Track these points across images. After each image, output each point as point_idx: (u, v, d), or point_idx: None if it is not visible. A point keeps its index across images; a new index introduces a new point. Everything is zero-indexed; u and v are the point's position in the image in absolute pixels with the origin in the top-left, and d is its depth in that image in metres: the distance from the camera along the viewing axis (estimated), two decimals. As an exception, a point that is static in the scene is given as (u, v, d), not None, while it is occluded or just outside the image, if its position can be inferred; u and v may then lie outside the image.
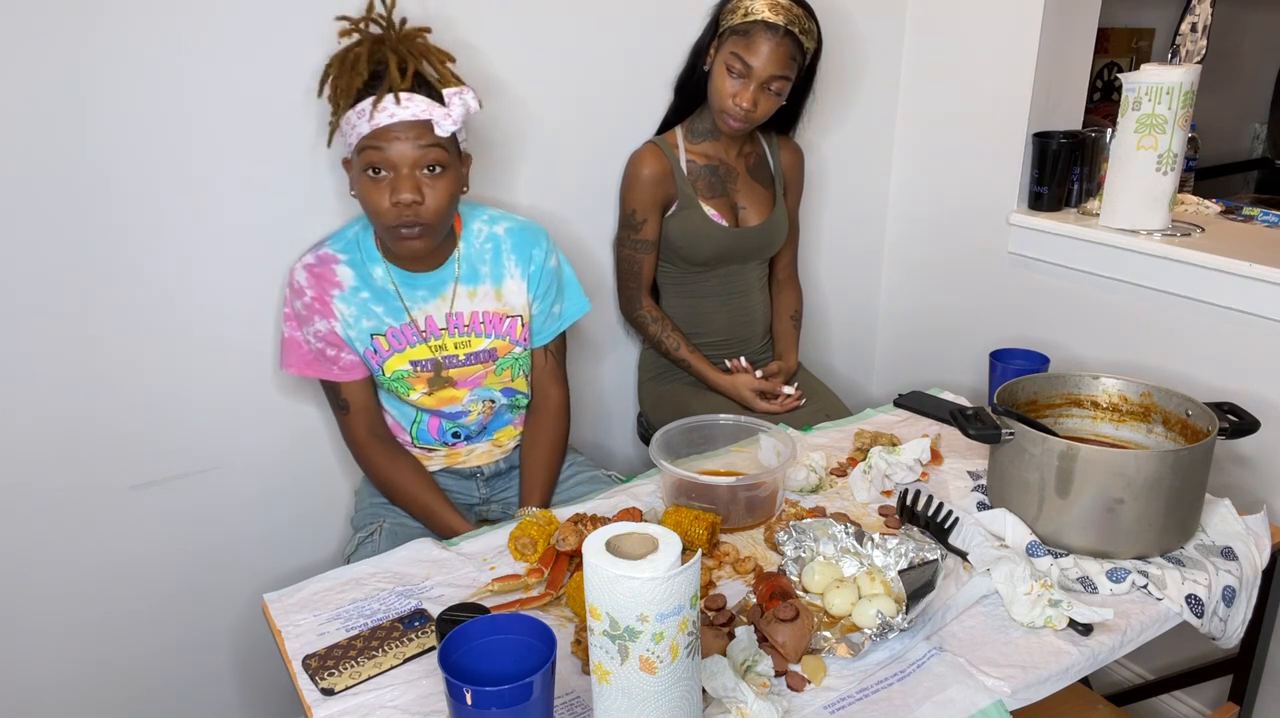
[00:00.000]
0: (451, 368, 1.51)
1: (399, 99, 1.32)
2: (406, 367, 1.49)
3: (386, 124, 1.32)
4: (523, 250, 1.53)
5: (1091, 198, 1.95)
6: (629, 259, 1.83)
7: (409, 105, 1.32)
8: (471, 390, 1.54)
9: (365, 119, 1.33)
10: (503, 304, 1.52)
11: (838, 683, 1.05)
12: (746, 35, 1.65)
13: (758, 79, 1.66)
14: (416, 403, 1.53)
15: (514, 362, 1.56)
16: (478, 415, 1.58)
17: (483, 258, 1.51)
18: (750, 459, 1.50)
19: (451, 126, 1.35)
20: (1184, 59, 2.34)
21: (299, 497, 1.68)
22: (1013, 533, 1.25)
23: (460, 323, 1.50)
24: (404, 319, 1.48)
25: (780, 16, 1.64)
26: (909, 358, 2.33)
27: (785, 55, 1.66)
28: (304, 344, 1.48)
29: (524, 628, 0.95)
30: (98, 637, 1.57)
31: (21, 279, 1.37)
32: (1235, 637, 1.25)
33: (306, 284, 1.45)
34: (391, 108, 1.32)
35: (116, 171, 1.38)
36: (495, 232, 1.52)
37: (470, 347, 1.52)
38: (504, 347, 1.54)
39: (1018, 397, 1.40)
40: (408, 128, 1.32)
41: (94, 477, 1.49)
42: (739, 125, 1.72)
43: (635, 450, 2.09)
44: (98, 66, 1.33)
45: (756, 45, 1.64)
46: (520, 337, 1.55)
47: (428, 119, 1.33)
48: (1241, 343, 1.65)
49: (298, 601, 1.21)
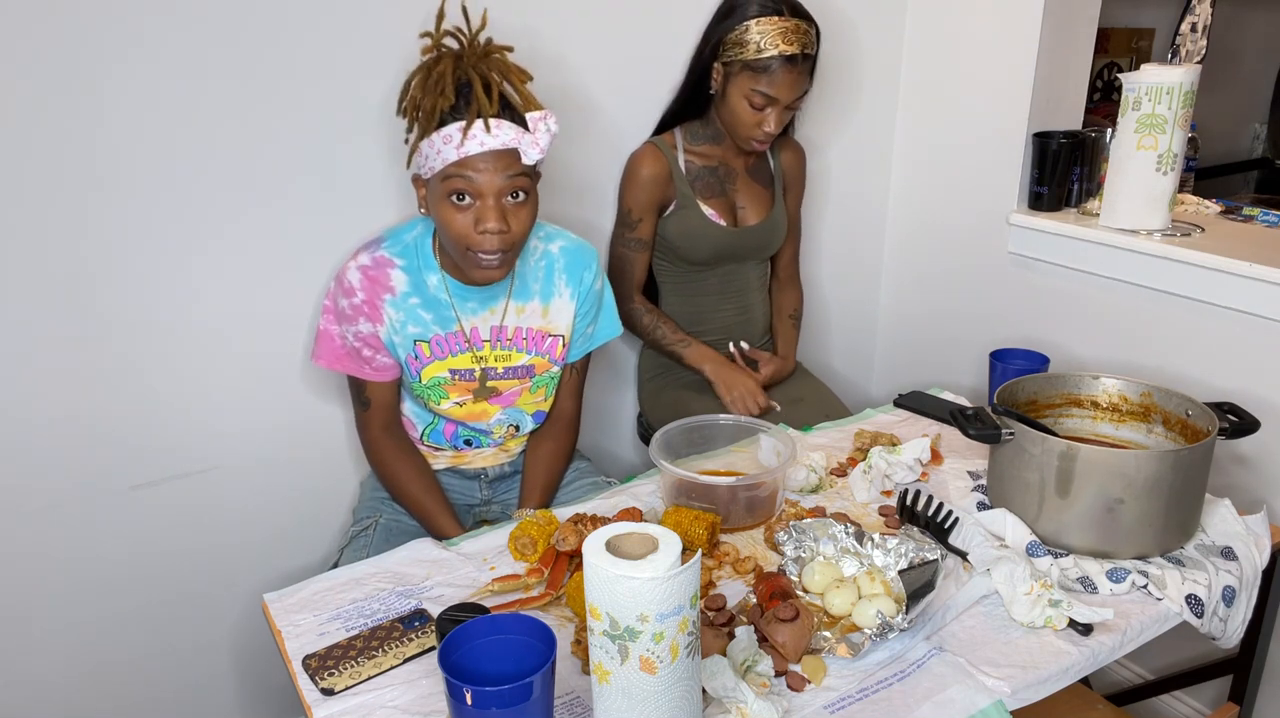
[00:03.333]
0: (491, 379, 1.51)
1: (488, 127, 1.28)
2: (445, 374, 1.48)
3: (476, 153, 1.28)
4: (574, 272, 1.52)
5: (1091, 198, 1.95)
6: (621, 257, 1.83)
7: (498, 134, 1.29)
8: (504, 410, 1.54)
9: (453, 146, 1.28)
10: (548, 322, 1.52)
11: (838, 683, 1.05)
12: (767, 71, 1.64)
13: (782, 105, 1.69)
14: (445, 413, 1.51)
15: (550, 380, 1.56)
16: (500, 434, 1.58)
17: (536, 275, 1.50)
18: (750, 459, 1.50)
19: (538, 155, 1.32)
20: (1184, 59, 2.35)
21: (299, 497, 1.68)
22: (1013, 533, 1.25)
23: (504, 336, 1.49)
24: (452, 328, 1.46)
25: (795, 45, 1.63)
26: (909, 358, 2.33)
27: (804, 76, 1.69)
28: (338, 340, 1.46)
29: (524, 628, 0.95)
30: (98, 636, 1.57)
31: (21, 279, 1.37)
32: (1235, 637, 1.25)
33: (359, 286, 1.42)
34: (481, 136, 1.28)
35: (117, 172, 1.38)
36: (550, 250, 1.51)
37: (510, 361, 1.51)
38: (542, 364, 1.53)
39: (1018, 397, 1.40)
40: (496, 157, 1.29)
41: (94, 477, 1.49)
42: (763, 147, 1.77)
43: (635, 451, 2.09)
44: (108, 63, 1.33)
45: (778, 80, 1.65)
46: (559, 356, 1.54)
47: (515, 147, 1.30)
48: (1241, 343, 1.65)
49: (298, 601, 1.21)
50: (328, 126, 1.52)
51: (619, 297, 1.85)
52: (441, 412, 1.52)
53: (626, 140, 1.82)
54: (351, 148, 1.55)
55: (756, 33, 1.63)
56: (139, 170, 1.40)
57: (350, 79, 1.51)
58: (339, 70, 1.50)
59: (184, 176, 1.43)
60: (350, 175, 1.55)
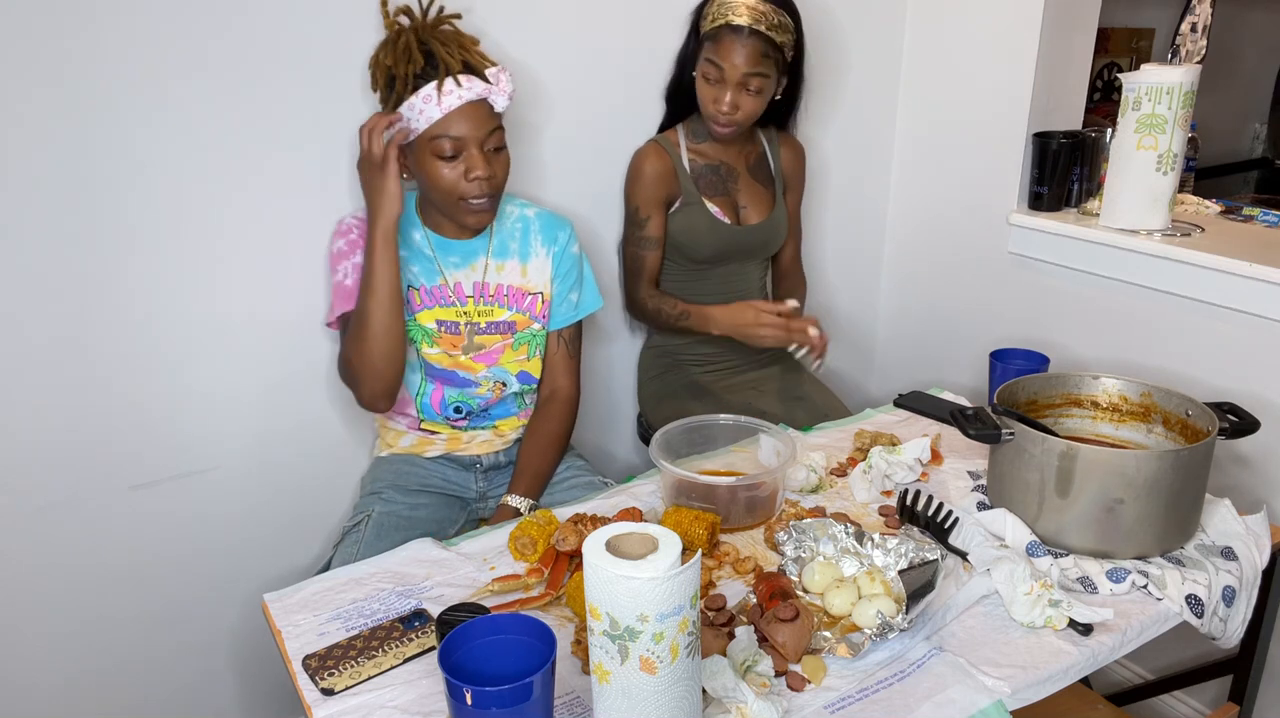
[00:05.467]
0: (476, 334, 1.57)
1: (458, 81, 1.40)
2: (433, 325, 1.56)
3: (456, 106, 1.39)
4: (549, 233, 1.62)
5: (1091, 198, 1.95)
6: (634, 257, 1.83)
7: (469, 86, 1.41)
8: (488, 368, 1.59)
9: (433, 104, 1.39)
10: (527, 280, 1.60)
11: (838, 683, 1.05)
12: (715, 40, 1.67)
13: (732, 81, 1.68)
14: (432, 358, 1.56)
15: (531, 338, 1.62)
16: (486, 391, 1.60)
17: (513, 235, 1.60)
18: (750, 459, 1.50)
19: (505, 101, 1.46)
20: (1184, 59, 2.35)
21: (299, 497, 1.68)
22: (1013, 533, 1.25)
23: (486, 293, 1.58)
24: (437, 280, 1.55)
25: (744, 17, 1.65)
26: (909, 358, 2.33)
27: (756, 53, 1.66)
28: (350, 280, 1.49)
29: (524, 628, 0.95)
30: (97, 636, 1.57)
31: (22, 279, 1.37)
32: (1235, 637, 1.25)
33: (354, 225, 1.51)
34: (456, 90, 1.39)
35: (118, 172, 1.39)
36: (526, 214, 1.62)
37: (492, 316, 1.58)
38: (523, 321, 1.60)
39: (1018, 397, 1.40)
40: (473, 109, 1.42)
41: (94, 477, 1.49)
42: (727, 130, 1.74)
43: (635, 451, 2.09)
44: (102, 62, 1.33)
45: (725, 48, 1.66)
46: (540, 313, 1.62)
47: (486, 97, 1.43)
48: (1241, 343, 1.65)
49: (298, 600, 1.21)
50: (330, 130, 1.52)
51: (630, 295, 1.86)
52: (427, 357, 1.56)
53: (627, 143, 1.82)
54: (353, 154, 1.55)
55: (719, 3, 1.67)
56: (140, 171, 1.40)
57: (350, 80, 1.52)
58: (339, 72, 1.51)
59: (186, 177, 1.44)
60: (352, 179, 1.55)
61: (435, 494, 1.61)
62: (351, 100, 1.52)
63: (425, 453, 1.64)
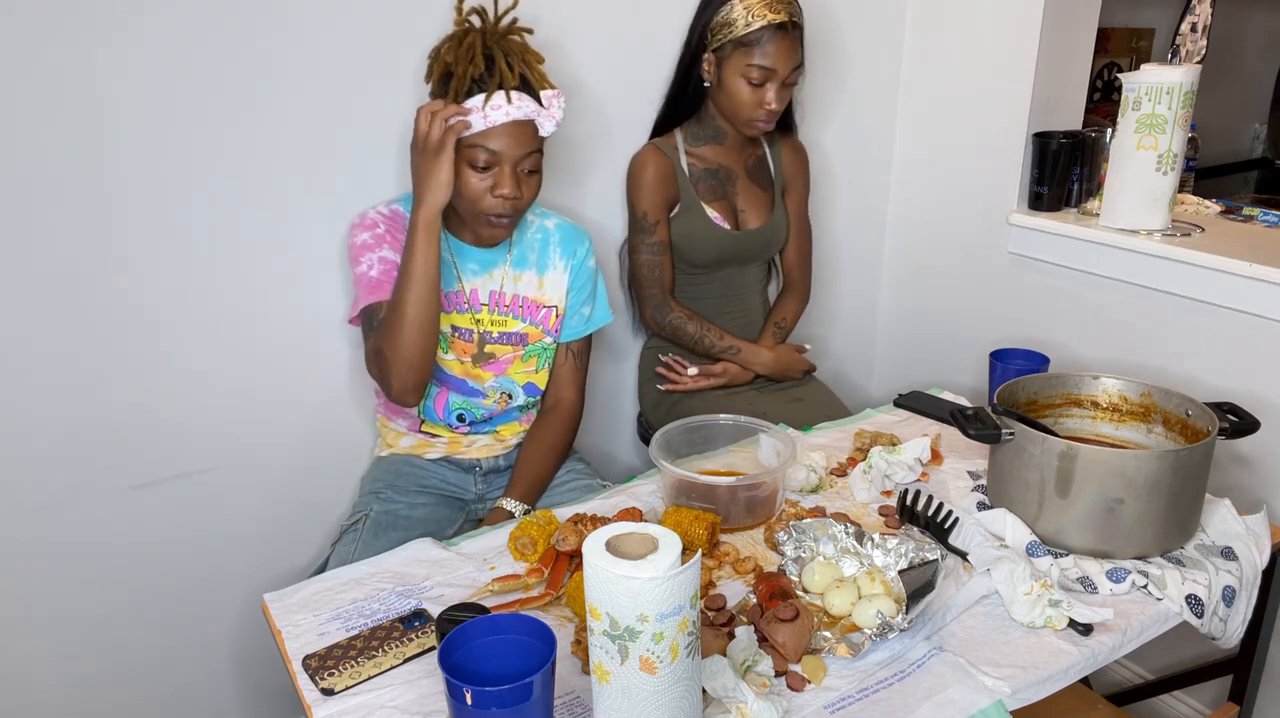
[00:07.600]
0: (488, 344, 1.57)
1: (510, 97, 1.37)
2: (448, 329, 1.55)
3: (501, 122, 1.37)
4: (568, 246, 1.61)
5: (1091, 198, 1.95)
6: (649, 264, 1.81)
7: (520, 105, 1.38)
8: (496, 377, 1.58)
9: (479, 115, 1.36)
10: (542, 293, 1.60)
11: (838, 683, 1.05)
12: (759, 44, 1.65)
13: (780, 79, 1.68)
14: (445, 364, 1.56)
15: (542, 351, 1.62)
16: (492, 403, 1.60)
17: (532, 246, 1.59)
18: (750, 459, 1.50)
19: (552, 128, 1.43)
20: (1184, 59, 2.35)
21: (299, 497, 1.68)
22: (1013, 533, 1.25)
23: (501, 302, 1.57)
24: (454, 286, 1.54)
25: (782, 13, 1.65)
26: (909, 358, 2.33)
27: (796, 45, 1.69)
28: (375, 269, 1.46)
29: (524, 628, 0.95)
30: (97, 636, 1.57)
31: (22, 278, 1.37)
32: (1235, 637, 1.25)
33: (380, 220, 1.49)
34: (505, 105, 1.37)
35: (120, 172, 1.38)
36: (546, 225, 1.61)
37: (505, 326, 1.58)
38: (535, 334, 1.60)
39: (1018, 397, 1.40)
40: (517, 128, 1.39)
41: (94, 477, 1.49)
42: (769, 126, 1.75)
43: (635, 452, 2.09)
44: (109, 57, 1.33)
45: (771, 50, 1.65)
46: (553, 327, 1.62)
47: (533, 119, 1.40)
48: (1241, 343, 1.65)
49: (298, 601, 1.21)
50: (337, 132, 1.52)
51: (653, 308, 1.84)
52: (444, 363, 1.55)
53: (624, 150, 1.82)
54: (366, 154, 1.56)
55: (742, 8, 1.65)
56: (140, 171, 1.40)
57: (366, 81, 1.52)
58: (356, 72, 1.51)
59: (188, 177, 1.44)
60: (356, 180, 1.56)
61: (434, 494, 1.61)
62: (356, 101, 1.52)
63: (425, 454, 1.64)
